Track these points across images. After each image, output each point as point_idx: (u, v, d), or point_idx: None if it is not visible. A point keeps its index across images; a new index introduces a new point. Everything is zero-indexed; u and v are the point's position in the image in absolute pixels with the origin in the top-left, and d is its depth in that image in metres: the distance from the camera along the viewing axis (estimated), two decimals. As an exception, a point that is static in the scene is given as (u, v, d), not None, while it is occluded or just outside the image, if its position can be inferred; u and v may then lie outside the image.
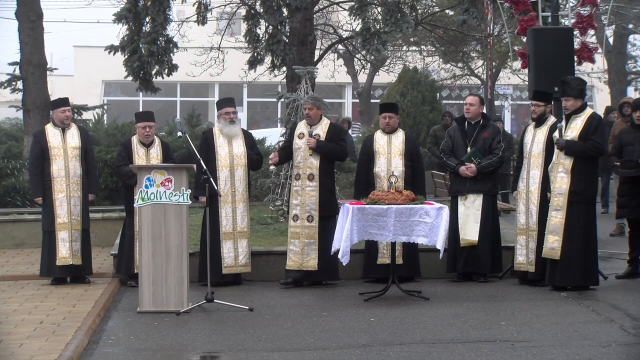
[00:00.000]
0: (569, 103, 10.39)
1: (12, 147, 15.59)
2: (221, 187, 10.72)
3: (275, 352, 7.85)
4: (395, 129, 11.14)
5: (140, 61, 15.60)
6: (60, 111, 10.94)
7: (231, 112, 11.03)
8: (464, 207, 10.96)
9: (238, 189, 10.90)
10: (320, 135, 10.76)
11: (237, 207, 10.89)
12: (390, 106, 11.54)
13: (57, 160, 10.78)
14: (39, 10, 15.43)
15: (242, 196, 10.92)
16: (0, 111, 26.95)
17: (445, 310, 9.38)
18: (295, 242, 10.73)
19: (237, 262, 10.86)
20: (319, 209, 10.69)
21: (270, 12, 15.01)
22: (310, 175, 10.71)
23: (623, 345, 7.97)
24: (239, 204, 10.89)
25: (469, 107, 11.14)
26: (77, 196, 10.82)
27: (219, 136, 10.98)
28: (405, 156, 11.01)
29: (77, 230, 10.81)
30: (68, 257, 10.71)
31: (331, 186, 10.91)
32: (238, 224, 10.91)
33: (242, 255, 10.85)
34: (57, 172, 10.77)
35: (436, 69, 31.74)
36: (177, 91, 39.02)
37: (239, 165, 10.92)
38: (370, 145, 11.17)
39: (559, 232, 10.24)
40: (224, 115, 11.00)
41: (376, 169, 11.02)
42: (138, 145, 10.90)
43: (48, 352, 7.51)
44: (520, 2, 12.56)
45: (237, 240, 10.88)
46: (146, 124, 10.85)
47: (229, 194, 10.85)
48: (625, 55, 30.49)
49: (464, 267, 10.91)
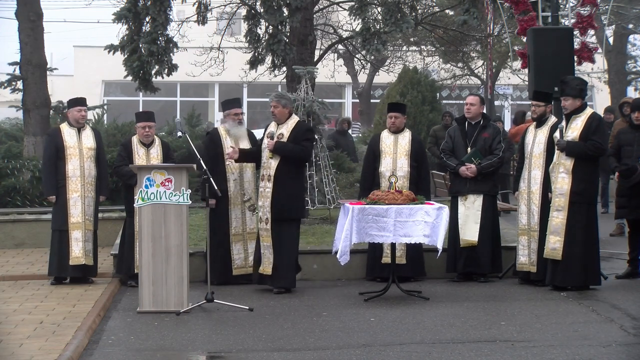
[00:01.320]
0: (568, 103, 10.39)
1: (12, 147, 15.58)
2: (231, 189, 10.72)
3: (275, 352, 7.85)
4: (401, 129, 11.15)
5: (140, 61, 15.59)
6: (77, 110, 10.95)
7: (240, 112, 11.01)
8: (464, 207, 10.97)
9: (247, 191, 10.89)
10: (283, 135, 10.37)
11: (246, 209, 10.88)
12: (397, 106, 11.57)
13: (73, 159, 10.78)
14: (39, 10, 15.43)
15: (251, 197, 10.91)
16: (0, 111, 26.94)
17: (445, 310, 9.38)
18: (262, 245, 10.46)
19: (246, 262, 10.86)
20: (271, 211, 10.25)
21: (271, 12, 15.00)
22: (269, 176, 10.33)
23: (623, 345, 7.97)
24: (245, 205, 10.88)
25: (470, 107, 11.14)
26: (91, 196, 10.84)
27: (225, 137, 10.95)
28: (411, 156, 11.03)
29: (89, 231, 10.83)
30: (81, 256, 10.72)
31: (293, 188, 10.33)
32: (247, 225, 10.90)
33: (252, 256, 10.83)
34: (72, 171, 10.77)
35: (436, 69, 31.73)
36: (177, 91, 39.03)
37: (248, 167, 10.91)
38: (377, 144, 11.19)
39: (561, 232, 10.24)
40: (232, 115, 10.95)
41: (381, 169, 11.02)
42: (138, 145, 10.90)
43: (48, 352, 7.51)
44: (520, 2, 12.56)
45: (246, 242, 10.88)
46: (146, 124, 10.85)
47: (237, 196, 10.84)
48: (625, 55, 30.50)
49: (464, 267, 10.91)
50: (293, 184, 10.35)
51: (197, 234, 11.91)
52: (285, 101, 10.51)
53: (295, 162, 10.38)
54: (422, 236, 9.66)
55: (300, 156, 10.38)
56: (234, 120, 10.92)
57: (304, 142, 10.38)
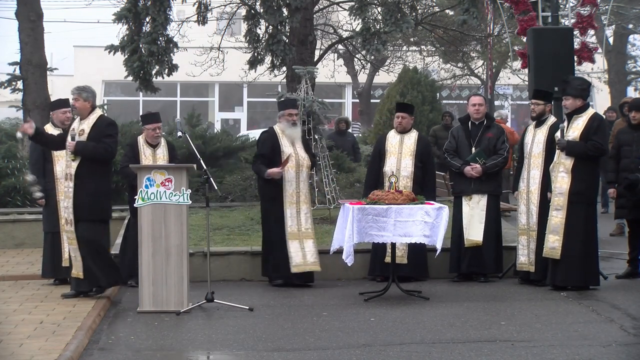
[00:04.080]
0: (568, 102, 10.39)
1: (12, 147, 15.57)
2: (286, 189, 10.71)
3: (275, 352, 7.85)
4: (407, 129, 11.16)
5: (140, 61, 15.60)
6: (61, 112, 10.89)
7: (294, 113, 10.96)
8: (469, 207, 10.95)
9: (302, 190, 10.87)
10: (84, 131, 9.72)
11: (301, 209, 10.83)
12: (405, 106, 11.59)
13: (60, 161, 10.72)
14: (39, 10, 15.42)
15: (305, 197, 10.88)
16: (0, 111, 26.93)
17: (445, 310, 9.38)
18: (70, 249, 9.90)
19: (305, 260, 10.79)
20: (74, 212, 9.67)
21: (270, 12, 15.01)
22: (70, 175, 9.74)
23: (623, 345, 7.97)
24: (303, 205, 10.85)
25: (478, 107, 11.12)
26: None
27: (282, 137, 10.91)
28: (416, 157, 11.03)
29: None
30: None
31: (94, 188, 9.65)
32: (302, 224, 10.83)
33: (310, 254, 10.78)
34: (60, 172, 10.72)
35: (436, 69, 31.75)
36: (177, 91, 39.04)
37: (304, 167, 10.88)
38: (382, 144, 11.21)
39: (560, 232, 10.24)
40: (287, 116, 10.90)
41: (385, 168, 11.03)
42: (145, 145, 10.85)
43: (48, 352, 7.51)
44: (520, 2, 12.57)
45: (302, 241, 10.83)
46: (155, 125, 10.80)
47: (294, 195, 10.81)
48: (625, 55, 30.54)
49: (468, 267, 10.91)
50: (97, 183, 9.71)
51: (197, 234, 11.91)
52: (87, 94, 9.85)
53: (99, 161, 9.77)
54: (422, 236, 9.66)
55: (102, 155, 9.72)
56: (288, 121, 10.86)
57: (106, 139, 9.73)
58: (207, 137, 17.02)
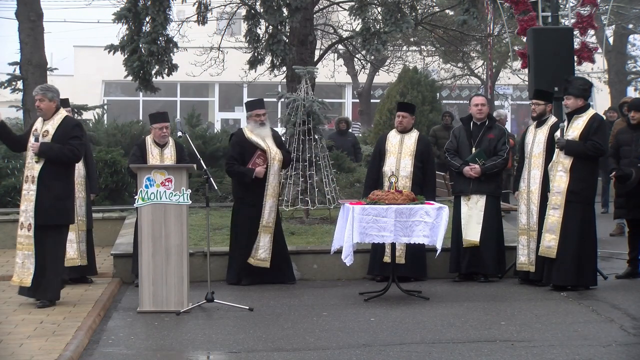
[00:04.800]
0: (569, 102, 10.40)
1: (12, 147, 15.57)
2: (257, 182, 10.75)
3: (275, 352, 7.85)
4: (408, 129, 11.16)
5: (140, 61, 15.61)
6: None
7: (262, 114, 10.96)
8: (467, 207, 10.95)
9: (271, 184, 10.85)
10: (49, 132, 9.42)
11: (267, 202, 10.82)
12: (406, 106, 11.59)
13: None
14: (39, 10, 15.42)
15: (273, 191, 10.87)
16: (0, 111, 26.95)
17: (445, 310, 9.38)
18: (19, 254, 9.56)
19: (256, 254, 10.80)
20: (35, 216, 9.35)
21: (270, 12, 15.02)
22: (32, 177, 9.38)
23: (623, 345, 7.97)
24: (269, 199, 10.83)
25: (481, 107, 11.11)
26: (82, 196, 10.79)
27: (251, 135, 10.92)
28: (416, 157, 11.02)
29: (83, 231, 10.80)
30: (76, 258, 10.68)
31: (59, 191, 9.37)
32: (264, 218, 10.82)
33: (262, 249, 10.78)
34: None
35: (436, 69, 31.77)
36: (177, 91, 39.04)
37: (275, 160, 10.87)
38: (383, 143, 11.20)
39: (556, 230, 10.24)
40: (254, 117, 10.93)
41: (385, 168, 11.02)
42: (152, 145, 10.84)
43: (48, 352, 7.51)
44: (520, 2, 12.57)
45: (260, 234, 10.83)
46: (163, 125, 10.79)
47: (262, 187, 10.82)
48: (625, 55, 30.54)
49: (468, 267, 10.91)
50: (60, 186, 9.40)
51: (197, 234, 11.91)
52: (52, 94, 9.51)
53: (64, 163, 9.45)
54: (422, 236, 9.66)
55: (69, 158, 9.40)
56: (256, 122, 10.89)
57: (72, 140, 9.40)
58: (207, 137, 17.04)
